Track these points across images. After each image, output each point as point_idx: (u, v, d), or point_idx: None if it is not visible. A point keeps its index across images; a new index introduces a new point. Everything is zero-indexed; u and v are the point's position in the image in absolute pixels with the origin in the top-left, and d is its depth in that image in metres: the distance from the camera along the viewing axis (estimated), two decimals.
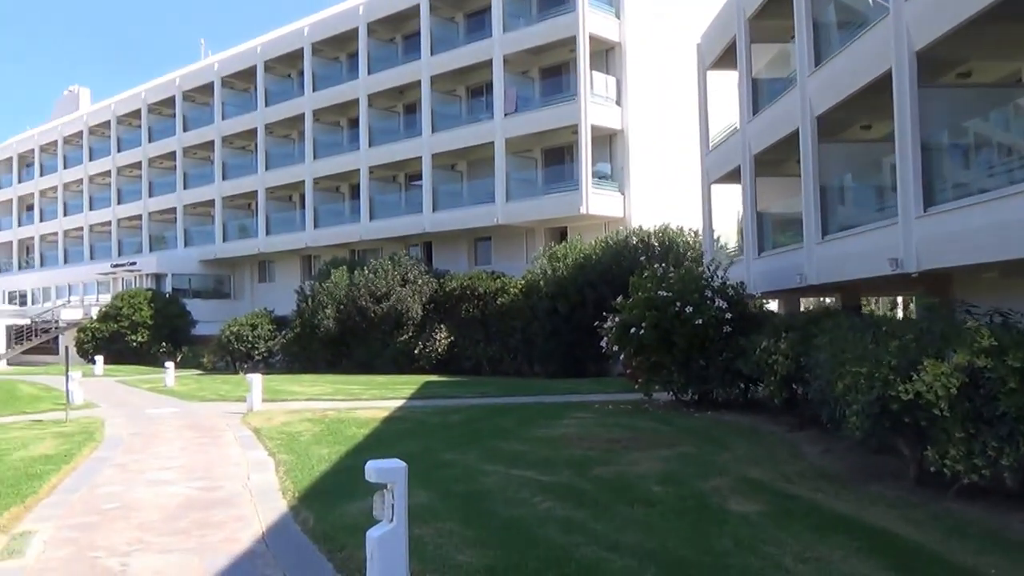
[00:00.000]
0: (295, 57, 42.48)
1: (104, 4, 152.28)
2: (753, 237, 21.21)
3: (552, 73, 33.64)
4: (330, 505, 8.19)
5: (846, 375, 9.81)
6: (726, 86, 26.42)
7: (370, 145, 38.55)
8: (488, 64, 33.57)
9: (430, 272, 32.13)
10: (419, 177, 37.12)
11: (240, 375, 32.42)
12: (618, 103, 31.56)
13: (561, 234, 32.57)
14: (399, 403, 19.11)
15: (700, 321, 16.35)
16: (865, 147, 18.44)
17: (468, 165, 36.74)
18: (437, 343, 29.89)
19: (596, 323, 18.45)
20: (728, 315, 16.59)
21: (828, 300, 25.21)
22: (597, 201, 30.51)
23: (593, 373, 26.41)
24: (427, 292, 30.91)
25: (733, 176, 23.12)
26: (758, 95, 21.44)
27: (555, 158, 33.61)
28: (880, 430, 9.32)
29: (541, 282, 27.14)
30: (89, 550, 6.83)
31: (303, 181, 42.02)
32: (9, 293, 60.51)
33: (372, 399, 20.23)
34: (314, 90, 41.24)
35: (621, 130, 31.45)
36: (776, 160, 21.04)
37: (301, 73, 42.44)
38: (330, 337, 31.90)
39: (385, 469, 5.13)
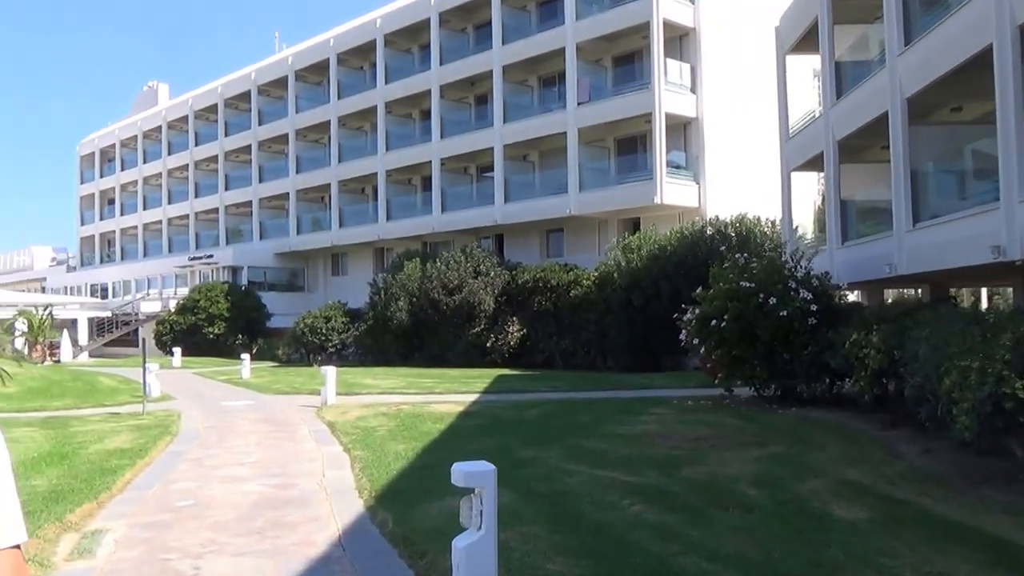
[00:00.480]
0: (367, 49, 42.61)
1: (184, 4, 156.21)
2: (837, 226, 20.34)
3: (625, 61, 32.96)
4: (409, 505, 7.86)
5: (952, 370, 9.08)
6: (801, 72, 25.50)
7: (442, 137, 38.43)
8: (560, 53, 33.05)
9: (502, 264, 31.80)
10: (490, 168, 36.85)
11: (314, 367, 32.62)
12: (693, 91, 30.73)
13: (634, 225, 31.90)
14: (473, 397, 18.82)
15: (784, 313, 15.63)
16: (956, 130, 17.49)
17: (540, 155, 36.31)
18: (509, 336, 29.56)
19: (675, 315, 17.84)
20: (813, 307, 15.84)
21: (908, 291, 24.13)
22: (671, 191, 29.78)
23: (668, 367, 25.76)
24: (499, 284, 30.59)
25: (814, 163, 22.26)
26: (841, 78, 20.56)
27: (628, 148, 32.96)
28: (990, 430, 8.59)
29: (615, 274, 26.56)
30: (161, 551, 6.62)
31: (375, 173, 42.16)
32: (91, 286, 62.33)
33: (446, 393, 19.99)
34: (386, 82, 41.29)
35: (696, 118, 30.63)
36: (860, 146, 20.16)
37: (373, 65, 42.55)
38: (403, 330, 31.85)
39: (473, 473, 4.74)
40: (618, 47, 32.65)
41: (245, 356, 27.66)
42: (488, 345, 29.84)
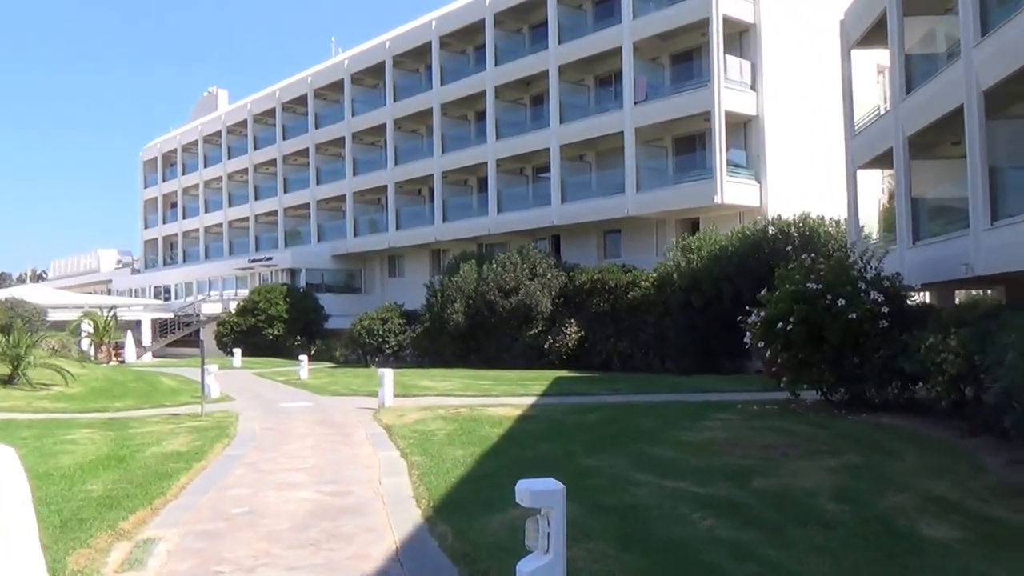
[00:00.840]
0: (423, 51, 42.57)
1: (244, 7, 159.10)
2: (908, 224, 19.52)
3: (683, 59, 32.30)
4: (469, 517, 7.52)
5: None
6: (862, 68, 24.64)
7: (497, 138, 38.19)
8: (617, 52, 32.54)
9: (559, 265, 31.40)
10: (547, 169, 36.48)
11: (371, 368, 32.61)
12: (753, 88, 29.96)
13: (693, 225, 31.22)
14: (531, 400, 18.44)
15: (854, 315, 14.94)
16: None
17: (596, 156, 35.82)
18: (567, 338, 29.13)
19: (738, 318, 17.23)
20: (884, 309, 15.11)
21: (978, 292, 23.08)
22: (731, 190, 29.04)
23: (728, 370, 25.10)
24: (556, 286, 30.19)
25: (881, 160, 21.46)
26: (911, 72, 19.75)
27: (687, 147, 32.28)
28: None
29: (674, 275, 25.96)
30: (213, 563, 6.38)
31: (431, 175, 42.10)
32: (154, 288, 63.58)
33: (503, 395, 19.65)
34: (442, 84, 41.20)
35: (756, 116, 29.86)
36: (931, 142, 19.37)
37: (429, 67, 42.50)
38: (459, 331, 31.64)
39: (540, 492, 4.36)
40: (676, 45, 31.99)
41: (303, 357, 27.70)
42: (545, 347, 29.45)
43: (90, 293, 65.79)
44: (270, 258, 49.91)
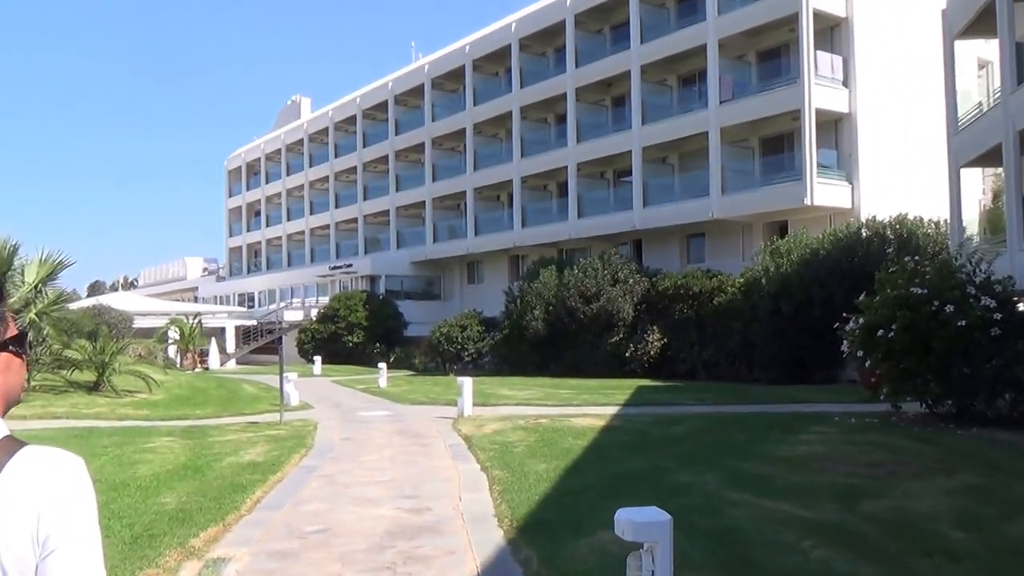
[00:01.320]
0: (502, 54, 42.43)
1: (326, 15, 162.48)
2: (1019, 225, 18.26)
3: (770, 56, 31.32)
4: (555, 541, 7.05)
5: None
6: (962, 62, 23.30)
7: (578, 141, 37.74)
8: (701, 50, 31.73)
9: (641, 271, 30.72)
10: (628, 172, 35.85)
11: (450, 376, 32.44)
12: (845, 84, 28.77)
13: (781, 228, 30.13)
14: (614, 410, 17.90)
15: (963, 322, 13.95)
16: None
17: (680, 158, 35.02)
18: (649, 345, 28.44)
19: (836, 325, 16.35)
20: (997, 315, 14.08)
21: None
22: (822, 191, 27.92)
23: (820, 379, 24.08)
24: (638, 292, 29.53)
25: (987, 159, 20.26)
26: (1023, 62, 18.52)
27: (774, 147, 31.25)
28: None
29: (762, 280, 25.06)
30: None
31: (511, 180, 41.88)
32: (239, 295, 64.96)
33: (584, 405, 19.16)
34: (521, 87, 40.97)
35: (848, 114, 28.66)
36: None
37: (508, 70, 42.32)
38: (539, 339, 31.24)
39: (644, 524, 3.88)
40: (763, 42, 31.02)
41: (382, 365, 27.69)
42: (627, 355, 28.81)
43: (178, 300, 67.80)
44: (350, 265, 50.43)
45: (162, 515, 8.21)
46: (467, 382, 17.67)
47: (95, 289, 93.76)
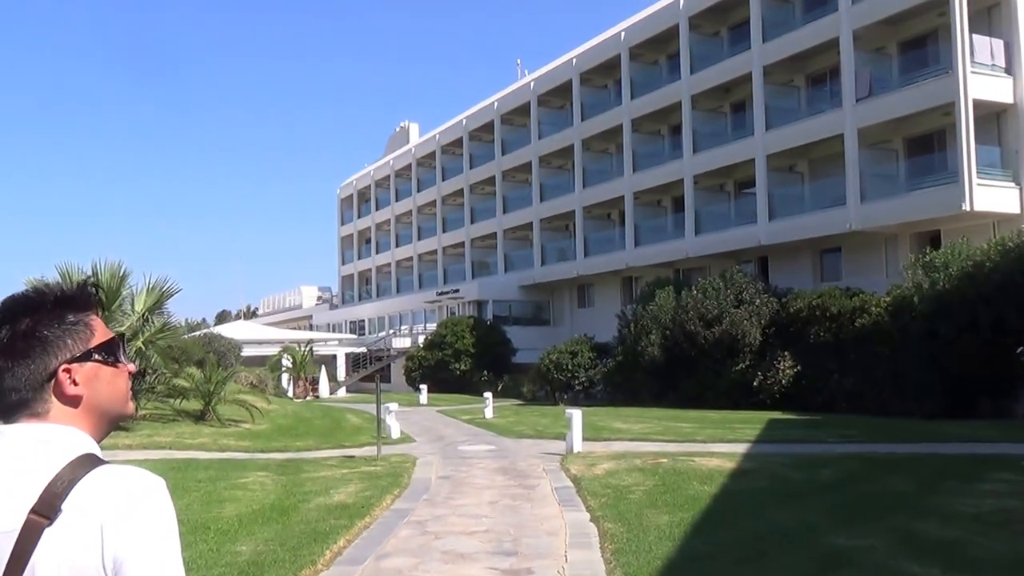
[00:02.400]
0: (611, 66, 41.09)
1: (435, 38, 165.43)
2: None
3: (915, 45, 28.81)
4: None
5: None
6: None
7: (695, 151, 35.89)
8: (833, 44, 29.53)
9: (768, 290, 28.57)
10: (751, 183, 33.79)
11: (560, 406, 31.10)
12: (1008, 71, 25.99)
13: (931, 239, 27.42)
14: (744, 448, 16.09)
15: None
16: None
17: (809, 165, 32.74)
18: (780, 374, 26.24)
19: (1019, 349, 14.12)
20: None
21: None
22: (984, 195, 25.18)
23: (988, 413, 21.47)
24: (766, 313, 27.43)
25: None
26: None
27: (921, 147, 28.68)
28: None
29: (914, 298, 22.59)
30: None
31: (622, 197, 40.33)
32: (350, 323, 65.54)
33: (709, 441, 17.41)
34: (632, 98, 39.46)
35: (1013, 104, 25.87)
36: None
37: (618, 82, 40.93)
38: (655, 366, 29.47)
39: None
40: (906, 30, 28.52)
41: (487, 395, 26.59)
42: (754, 384, 26.69)
43: (295, 328, 69.08)
44: (457, 290, 49.81)
45: (232, 568, 7.42)
46: (576, 415, 16.22)
47: (222, 318, 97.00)
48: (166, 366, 19.16)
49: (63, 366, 1.53)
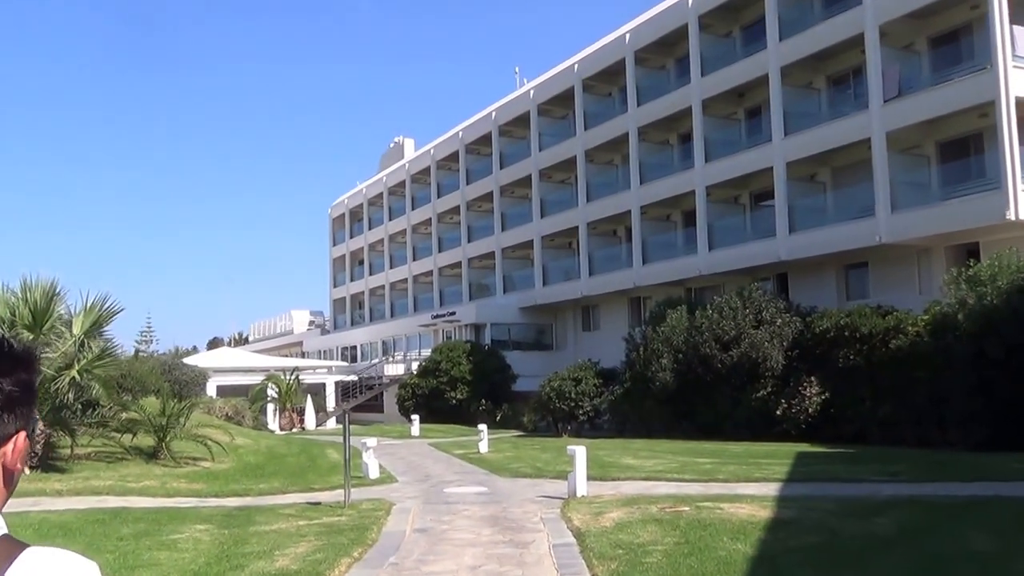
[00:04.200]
0: (615, 71, 39.54)
1: (425, 53, 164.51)
2: None
3: (947, 40, 27.19)
4: None
5: None
6: None
7: (707, 160, 34.16)
8: (856, 42, 27.93)
9: (791, 309, 26.69)
10: (768, 194, 32.10)
11: (563, 438, 29.23)
12: None
13: (969, 252, 25.57)
14: (775, 489, 14.16)
15: None
16: None
17: (832, 173, 31.02)
18: (806, 401, 24.30)
19: None
20: None
21: None
22: None
23: None
24: (789, 335, 25.56)
25: None
26: None
27: (956, 152, 26.96)
28: None
29: (958, 316, 20.67)
30: None
31: (629, 211, 38.62)
32: (341, 349, 63.65)
33: (734, 480, 15.48)
34: (638, 104, 37.84)
35: None
36: None
37: (623, 88, 39.37)
38: (667, 393, 27.56)
39: None
40: (936, 24, 26.90)
41: (483, 427, 24.59)
42: (777, 412, 24.77)
43: (285, 355, 67.17)
44: (453, 313, 47.99)
45: None
46: (579, 453, 14.26)
47: (214, 345, 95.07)
48: (109, 397, 17.22)
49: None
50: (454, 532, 11.42)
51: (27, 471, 15.88)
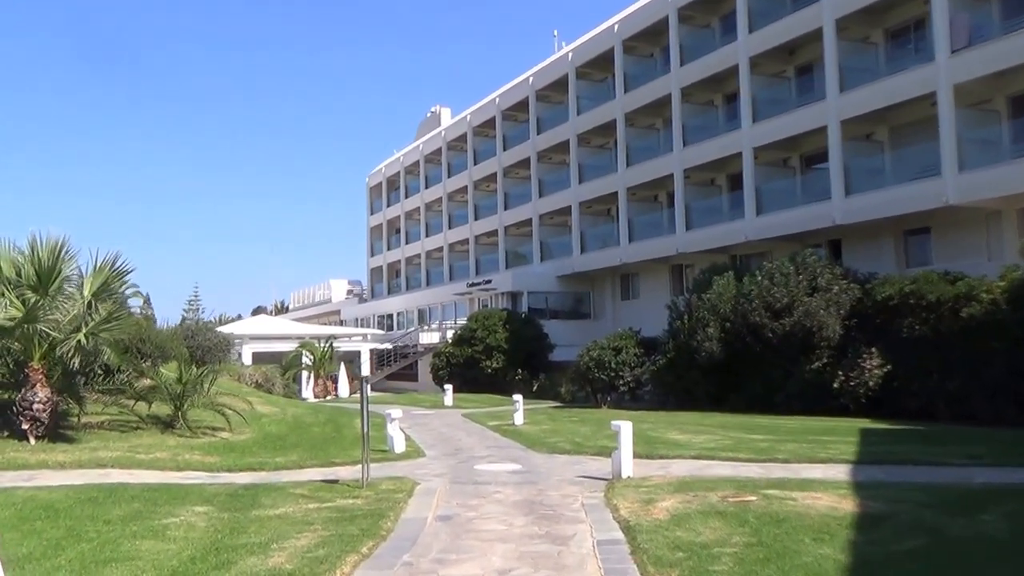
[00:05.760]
0: (657, 31, 37.25)
1: (462, 23, 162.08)
2: None
3: None
4: None
5: None
6: None
7: (754, 120, 31.86)
8: None
9: (848, 276, 24.56)
10: (820, 156, 29.82)
11: (603, 409, 27.46)
12: None
13: None
14: (843, 472, 12.33)
15: None
16: None
17: (890, 131, 28.64)
18: (865, 373, 22.27)
19: None
20: None
21: None
22: None
23: None
24: (846, 303, 23.50)
25: None
26: None
27: None
28: None
29: None
30: None
31: (671, 175, 36.45)
32: (378, 317, 62.41)
33: (795, 461, 13.64)
34: (681, 64, 35.56)
35: None
36: None
37: (665, 49, 37.08)
38: (713, 364, 25.66)
39: None
40: None
41: (518, 398, 22.85)
42: (835, 386, 22.77)
43: (324, 324, 66.21)
44: (489, 281, 46.24)
45: None
46: (625, 428, 12.43)
47: (257, 314, 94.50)
48: (122, 362, 15.72)
49: None
50: (482, 521, 9.69)
51: (32, 441, 14.50)
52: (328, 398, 40.30)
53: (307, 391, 41.88)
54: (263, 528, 9.19)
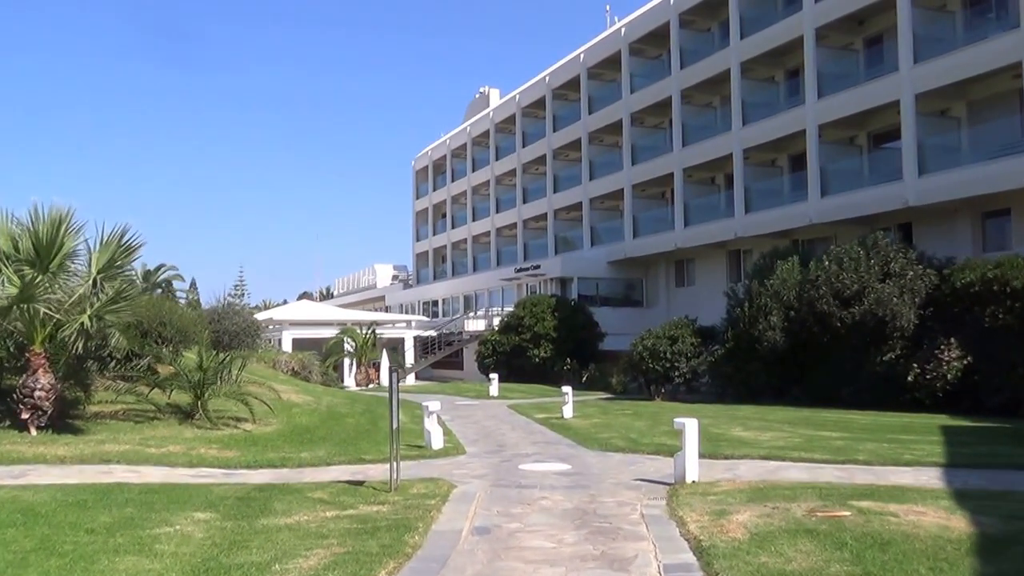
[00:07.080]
0: (716, 3, 35.46)
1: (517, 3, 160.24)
2: None
3: None
4: None
5: None
6: None
7: (819, 96, 29.98)
8: None
9: (923, 261, 22.73)
10: (890, 133, 27.88)
11: (657, 401, 26.02)
12: None
13: None
14: (936, 476, 10.90)
15: None
16: None
17: (968, 107, 26.64)
18: (943, 366, 20.49)
19: None
20: None
21: None
22: None
23: None
24: (922, 290, 21.70)
25: None
26: None
27: None
28: None
29: None
30: None
31: (729, 156, 34.68)
32: (423, 303, 61.38)
33: (878, 464, 12.20)
34: (741, 38, 33.66)
35: None
36: None
37: (724, 22, 35.28)
38: (775, 354, 24.02)
39: None
40: None
41: (567, 389, 21.43)
42: (909, 379, 21.02)
43: (369, 310, 65.42)
44: (537, 266, 44.81)
45: None
46: (690, 426, 11.00)
47: (303, 300, 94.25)
48: (132, 346, 14.62)
49: None
50: (526, 535, 8.35)
51: (33, 432, 13.46)
52: (371, 386, 39.37)
53: (349, 379, 41.01)
54: (268, 542, 7.92)
